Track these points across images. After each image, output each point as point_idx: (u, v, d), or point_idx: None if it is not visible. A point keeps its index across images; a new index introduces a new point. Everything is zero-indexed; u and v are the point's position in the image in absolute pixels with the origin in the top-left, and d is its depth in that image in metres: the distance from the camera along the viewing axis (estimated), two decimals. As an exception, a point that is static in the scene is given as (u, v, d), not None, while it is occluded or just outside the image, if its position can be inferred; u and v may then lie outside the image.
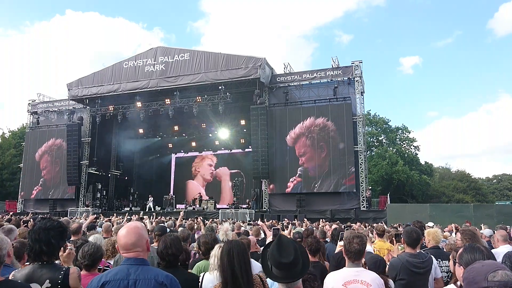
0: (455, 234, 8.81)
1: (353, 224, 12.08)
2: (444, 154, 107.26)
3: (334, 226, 9.13)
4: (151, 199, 28.04)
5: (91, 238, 4.60)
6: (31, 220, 9.81)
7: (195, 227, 8.78)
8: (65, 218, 7.57)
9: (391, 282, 4.00)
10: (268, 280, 3.01)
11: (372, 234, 7.58)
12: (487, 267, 1.71)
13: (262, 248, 6.06)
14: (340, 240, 4.91)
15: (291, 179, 23.80)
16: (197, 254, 4.96)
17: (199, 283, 3.42)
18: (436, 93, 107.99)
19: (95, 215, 11.88)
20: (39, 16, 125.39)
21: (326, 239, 7.05)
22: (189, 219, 14.82)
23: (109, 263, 3.89)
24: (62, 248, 2.99)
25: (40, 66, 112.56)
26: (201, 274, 3.53)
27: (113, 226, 6.95)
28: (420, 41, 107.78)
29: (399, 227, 11.60)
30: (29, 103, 31.93)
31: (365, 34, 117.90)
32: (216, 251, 3.34)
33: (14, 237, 4.12)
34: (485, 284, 1.64)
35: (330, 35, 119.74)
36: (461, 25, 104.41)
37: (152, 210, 26.16)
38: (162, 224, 8.04)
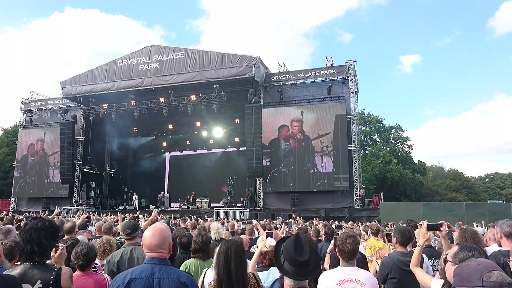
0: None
1: (344, 224, 12.13)
2: (438, 153, 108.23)
3: (321, 225, 9.25)
4: (135, 197, 28.06)
5: (78, 238, 4.58)
6: (24, 219, 9.74)
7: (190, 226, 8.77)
8: (59, 218, 7.50)
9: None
10: (262, 276, 3.03)
11: (367, 233, 7.62)
12: (483, 267, 1.68)
13: (253, 247, 6.08)
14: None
15: (284, 178, 23.85)
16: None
17: (203, 278, 3.49)
18: (435, 92, 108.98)
19: (87, 214, 11.80)
20: (37, 13, 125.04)
21: (319, 238, 7.08)
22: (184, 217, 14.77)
23: (96, 264, 3.87)
24: (53, 248, 2.98)
25: (36, 63, 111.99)
26: (204, 270, 3.62)
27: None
28: (421, 40, 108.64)
29: (392, 226, 11.66)
30: (22, 101, 31.69)
31: (366, 32, 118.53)
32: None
33: (13, 237, 4.09)
34: (480, 283, 1.62)
35: (331, 34, 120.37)
36: (462, 24, 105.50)
37: (137, 208, 26.16)
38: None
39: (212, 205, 27.54)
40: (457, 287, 1.81)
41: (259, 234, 7.86)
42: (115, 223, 8.29)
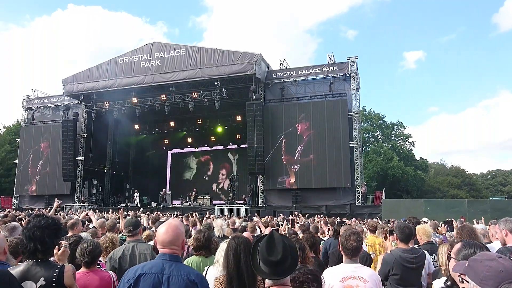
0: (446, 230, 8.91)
1: (346, 220, 12.14)
2: (440, 150, 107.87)
3: (322, 222, 9.23)
4: (137, 194, 28.11)
5: (83, 235, 4.59)
6: (27, 217, 9.74)
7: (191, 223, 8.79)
8: (56, 216, 7.48)
9: None
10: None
11: (366, 230, 7.64)
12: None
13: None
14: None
15: (286, 175, 23.86)
16: (190, 248, 5.00)
17: (205, 276, 3.45)
18: (438, 89, 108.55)
19: (86, 212, 11.81)
20: (40, 10, 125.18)
21: (319, 235, 7.09)
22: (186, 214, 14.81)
23: (100, 261, 3.89)
24: (56, 246, 2.98)
25: (39, 61, 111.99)
26: (205, 268, 3.61)
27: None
28: (425, 36, 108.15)
29: (393, 223, 11.67)
30: (24, 99, 31.73)
31: (370, 29, 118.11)
32: (223, 247, 3.36)
33: (18, 235, 4.10)
34: None
35: (335, 30, 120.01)
36: (467, 19, 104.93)
37: (139, 205, 26.19)
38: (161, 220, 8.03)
39: (214, 202, 27.57)
40: (464, 273, 1.71)
41: (261, 231, 7.88)
42: (117, 220, 8.31)
